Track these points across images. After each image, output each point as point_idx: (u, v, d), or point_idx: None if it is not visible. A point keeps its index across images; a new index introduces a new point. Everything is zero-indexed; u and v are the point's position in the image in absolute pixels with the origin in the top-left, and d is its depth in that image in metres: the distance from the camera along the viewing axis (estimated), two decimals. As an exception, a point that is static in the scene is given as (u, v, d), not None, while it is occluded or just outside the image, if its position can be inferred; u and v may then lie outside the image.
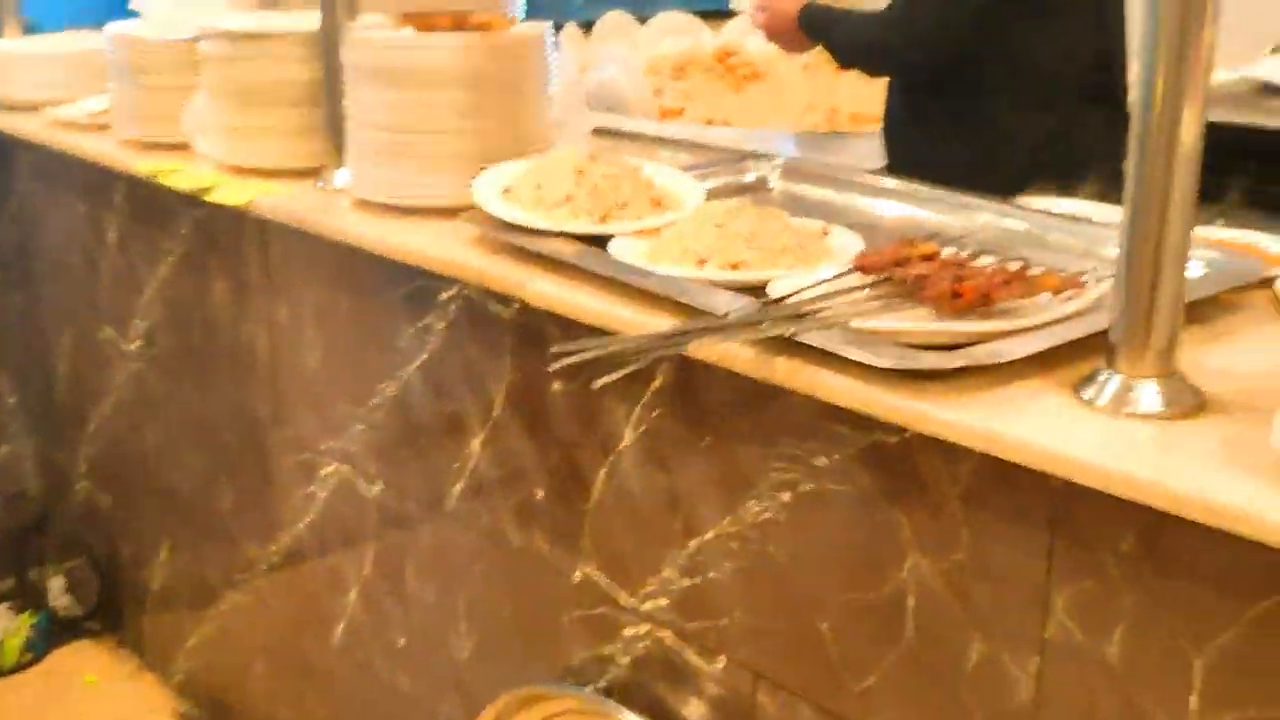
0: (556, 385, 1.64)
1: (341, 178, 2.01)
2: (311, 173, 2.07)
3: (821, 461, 1.35)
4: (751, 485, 1.44)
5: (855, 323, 1.29)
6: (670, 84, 3.49)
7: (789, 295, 1.38)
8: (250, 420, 2.25)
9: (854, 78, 3.47)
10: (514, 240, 1.64)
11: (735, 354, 1.35)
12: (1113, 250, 1.34)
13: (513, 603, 1.83)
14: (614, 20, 3.70)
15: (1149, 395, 1.18)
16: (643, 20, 3.80)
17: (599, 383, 1.28)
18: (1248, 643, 1.08)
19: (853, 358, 1.25)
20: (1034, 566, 1.21)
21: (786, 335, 1.29)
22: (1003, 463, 1.18)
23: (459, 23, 1.89)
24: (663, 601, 1.58)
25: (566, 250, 1.58)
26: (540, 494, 1.71)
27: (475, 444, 1.79)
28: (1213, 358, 1.31)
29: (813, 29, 2.45)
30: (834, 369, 1.27)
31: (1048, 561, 1.20)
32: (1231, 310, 1.45)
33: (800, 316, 1.32)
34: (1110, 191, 1.18)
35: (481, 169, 1.79)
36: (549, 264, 1.60)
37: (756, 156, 2.01)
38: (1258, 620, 1.07)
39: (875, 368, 1.25)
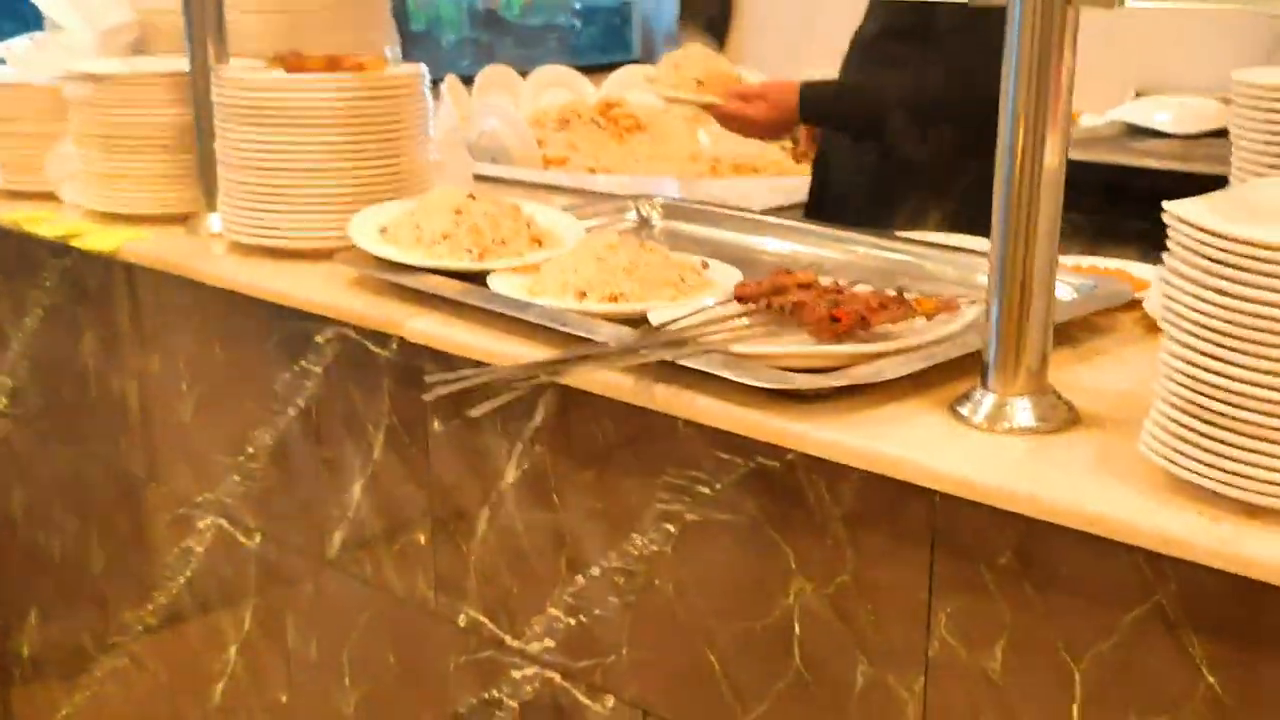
0: (438, 425, 1.61)
1: (213, 223, 1.97)
2: (182, 218, 2.03)
3: (705, 491, 1.35)
4: (636, 518, 1.42)
5: (735, 348, 1.29)
6: (553, 135, 3.50)
7: (669, 323, 1.37)
8: (123, 476, 2.18)
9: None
10: (391, 278, 1.61)
11: (615, 382, 1.34)
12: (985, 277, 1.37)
13: (397, 651, 1.79)
14: (495, 73, 3.70)
15: (1022, 411, 1.20)
16: (524, 74, 3.81)
17: (476, 411, 1.26)
18: (1125, 650, 1.08)
19: (733, 379, 1.24)
20: (916, 584, 1.21)
21: (666, 360, 1.29)
22: (883, 483, 1.19)
23: (332, 64, 1.87)
24: (549, 642, 1.56)
25: (446, 287, 1.56)
26: (423, 538, 1.68)
27: (356, 489, 1.75)
28: (1084, 376, 1.33)
29: (823, 114, 2.35)
30: (714, 394, 1.27)
31: (929, 579, 1.20)
32: (1102, 333, 1.48)
33: (680, 343, 1.32)
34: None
35: (358, 210, 1.76)
36: (428, 301, 1.58)
37: (637, 197, 2.02)
38: (1133, 626, 1.08)
39: (755, 391, 1.25)
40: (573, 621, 1.52)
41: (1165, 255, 1.03)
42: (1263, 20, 3.30)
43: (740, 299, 1.43)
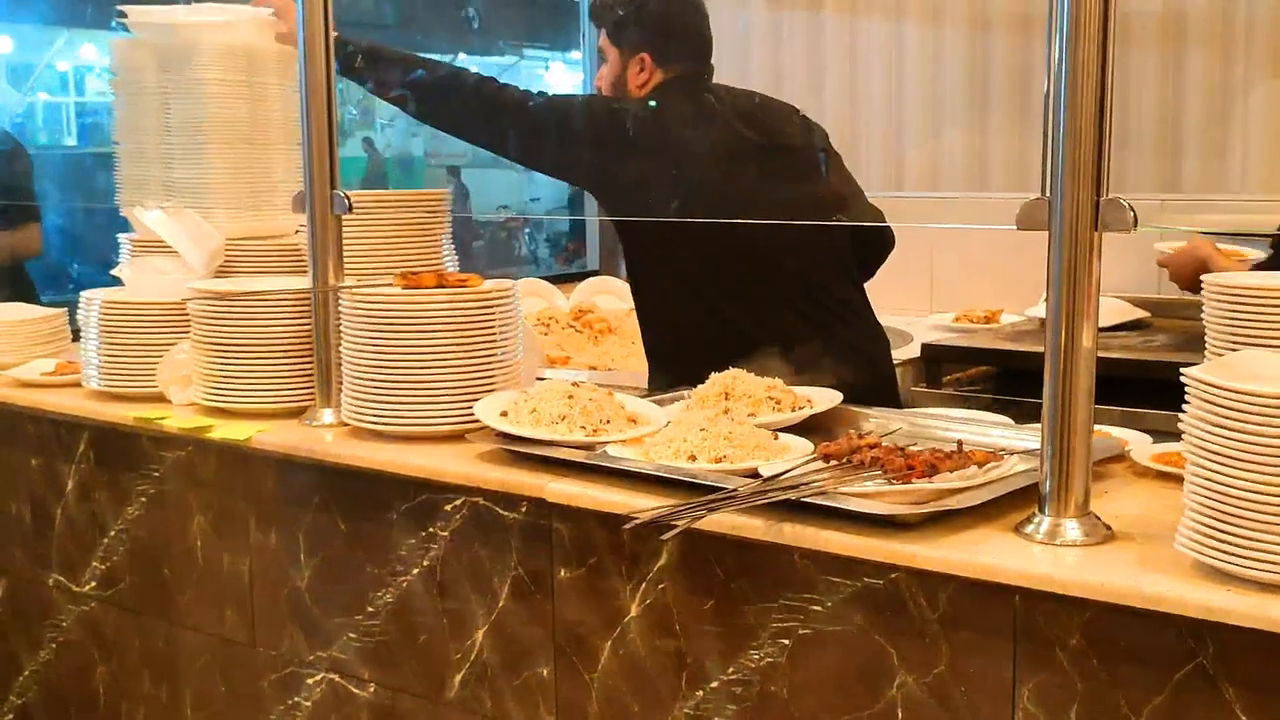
0: (563, 573, 1.93)
1: (326, 415, 2.30)
2: (295, 413, 2.35)
3: (818, 609, 1.69)
4: (753, 637, 1.75)
5: (843, 488, 1.66)
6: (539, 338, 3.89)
7: (779, 474, 1.74)
8: (224, 644, 2.43)
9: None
10: (529, 450, 1.96)
11: (745, 523, 1.69)
12: (993, 438, 1.79)
13: (512, 779, 2.06)
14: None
15: (1073, 529, 1.58)
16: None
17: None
18: (1175, 703, 1.45)
19: (860, 510, 1.61)
20: (1002, 668, 1.56)
21: (792, 500, 1.65)
22: (973, 587, 1.55)
23: (441, 280, 2.23)
24: (669, 751, 1.86)
25: (580, 455, 1.91)
26: (545, 671, 1.98)
27: (479, 635, 2.05)
28: (1102, 509, 1.72)
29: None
30: (833, 527, 1.63)
31: (1013, 663, 1.55)
32: (1102, 478, 1.88)
33: (796, 487, 1.68)
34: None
35: (469, 400, 2.11)
36: (560, 468, 1.92)
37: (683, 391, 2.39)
38: (1180, 684, 1.44)
39: (864, 525, 1.61)
40: (692, 731, 1.83)
41: (1185, 405, 1.44)
42: (1152, 237, 3.88)
43: (825, 457, 1.80)
